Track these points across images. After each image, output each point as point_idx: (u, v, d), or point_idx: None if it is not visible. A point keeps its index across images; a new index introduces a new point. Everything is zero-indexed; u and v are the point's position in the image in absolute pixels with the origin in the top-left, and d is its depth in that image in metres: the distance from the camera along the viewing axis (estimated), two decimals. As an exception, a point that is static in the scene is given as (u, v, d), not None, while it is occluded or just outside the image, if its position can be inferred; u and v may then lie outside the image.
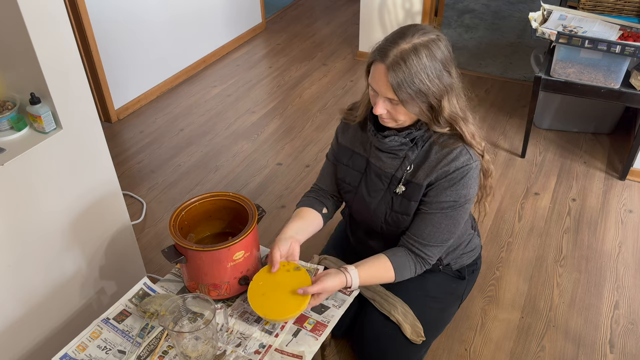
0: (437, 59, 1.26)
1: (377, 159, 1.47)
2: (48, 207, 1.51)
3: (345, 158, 1.56)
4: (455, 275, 1.69)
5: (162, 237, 2.37)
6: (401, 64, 1.24)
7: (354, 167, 1.54)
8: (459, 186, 1.37)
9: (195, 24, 3.61)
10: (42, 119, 1.42)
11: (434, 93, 1.27)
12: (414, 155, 1.41)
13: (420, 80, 1.24)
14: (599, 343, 1.87)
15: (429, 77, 1.25)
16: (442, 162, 1.37)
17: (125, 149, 2.97)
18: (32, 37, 1.32)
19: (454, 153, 1.36)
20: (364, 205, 1.53)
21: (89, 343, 1.33)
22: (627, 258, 2.20)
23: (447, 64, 1.29)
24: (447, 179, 1.37)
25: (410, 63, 1.23)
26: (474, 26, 4.28)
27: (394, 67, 1.24)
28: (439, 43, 1.28)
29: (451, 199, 1.38)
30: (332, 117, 3.19)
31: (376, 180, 1.49)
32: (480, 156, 1.39)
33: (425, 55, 1.24)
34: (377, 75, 1.29)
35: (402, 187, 1.43)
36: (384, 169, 1.46)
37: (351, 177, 1.55)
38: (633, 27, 2.39)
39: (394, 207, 1.47)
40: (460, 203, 1.39)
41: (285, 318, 1.32)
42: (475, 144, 1.37)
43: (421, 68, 1.24)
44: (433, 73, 1.25)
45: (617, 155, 2.78)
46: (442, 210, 1.40)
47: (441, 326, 1.69)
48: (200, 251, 1.33)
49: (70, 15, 2.79)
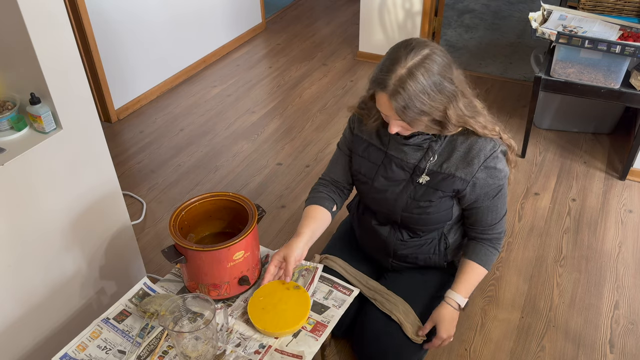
0: (434, 74, 1.28)
1: (398, 151, 1.50)
2: (48, 207, 1.51)
3: (360, 149, 1.58)
4: (455, 275, 1.70)
5: (162, 237, 2.37)
6: (400, 91, 1.26)
7: (370, 158, 1.56)
8: (496, 171, 1.43)
9: (195, 24, 3.61)
10: (42, 119, 1.42)
11: (437, 108, 1.31)
12: (437, 145, 1.45)
13: (422, 102, 1.27)
14: (599, 343, 1.87)
15: (429, 96, 1.28)
16: (470, 153, 1.42)
17: (125, 149, 2.97)
18: (32, 37, 1.32)
19: (479, 143, 1.42)
20: (382, 196, 1.55)
21: (89, 343, 1.33)
22: (627, 258, 2.20)
23: (446, 73, 1.30)
24: (484, 171, 1.42)
25: (408, 88, 1.26)
26: (474, 26, 4.28)
27: (394, 96, 1.27)
28: (434, 57, 1.29)
29: (495, 184, 1.45)
30: (332, 117, 3.19)
31: (397, 171, 1.51)
32: (499, 138, 1.45)
33: (422, 75, 1.26)
34: (382, 104, 1.33)
35: (426, 177, 1.47)
36: (406, 160, 1.49)
37: (366, 168, 1.57)
38: (633, 27, 2.39)
39: (415, 196, 1.50)
40: (502, 184, 1.47)
41: (283, 333, 1.33)
42: (489, 133, 1.42)
43: (420, 90, 1.26)
44: (433, 89, 1.28)
45: (617, 155, 2.78)
46: (494, 197, 1.48)
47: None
48: (200, 251, 1.33)
49: (70, 15, 2.79)
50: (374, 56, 3.80)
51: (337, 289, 1.49)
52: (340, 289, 1.49)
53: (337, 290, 1.48)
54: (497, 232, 1.56)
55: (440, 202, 1.49)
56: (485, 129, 1.41)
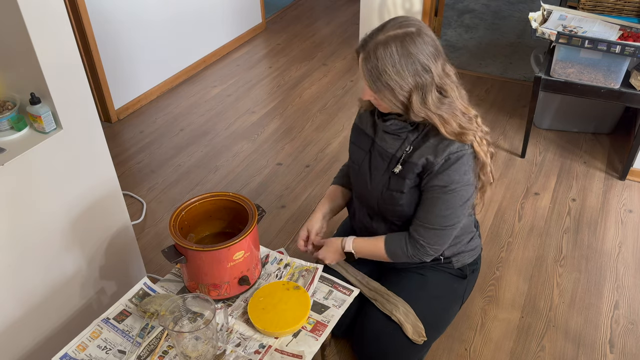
0: (409, 54, 1.27)
1: (381, 139, 1.52)
2: (48, 207, 1.51)
3: (354, 137, 1.63)
4: (457, 273, 1.69)
5: (162, 237, 2.37)
6: (371, 55, 1.28)
7: (360, 145, 1.59)
8: (451, 171, 1.40)
9: (195, 24, 3.61)
10: (42, 119, 1.42)
11: (402, 87, 1.30)
12: (414, 137, 1.45)
13: (387, 73, 1.28)
14: (599, 343, 1.87)
15: (396, 71, 1.27)
16: (439, 146, 1.40)
17: (125, 149, 2.97)
18: (32, 37, 1.32)
19: (446, 140, 1.39)
20: (364, 183, 1.58)
21: (89, 343, 1.33)
22: (627, 258, 2.20)
23: (424, 60, 1.28)
24: (441, 164, 1.40)
25: (378, 55, 1.27)
26: (474, 26, 4.28)
27: (365, 58, 1.30)
28: (417, 38, 1.28)
29: (442, 183, 1.41)
30: (332, 117, 3.19)
31: (379, 160, 1.53)
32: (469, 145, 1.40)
33: (394, 48, 1.26)
34: (359, 65, 1.35)
35: (400, 166, 1.48)
36: (386, 149, 1.51)
37: (357, 155, 1.61)
38: (633, 27, 2.39)
39: (390, 185, 1.51)
40: (451, 188, 1.41)
41: (283, 332, 1.33)
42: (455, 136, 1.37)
43: (388, 62, 1.27)
44: (402, 67, 1.27)
45: (617, 155, 2.78)
46: (434, 193, 1.43)
47: (442, 326, 1.69)
48: (200, 251, 1.33)
49: (70, 15, 2.78)
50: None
51: (337, 289, 1.49)
52: (340, 289, 1.49)
53: (337, 290, 1.48)
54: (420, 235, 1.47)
55: (410, 194, 1.49)
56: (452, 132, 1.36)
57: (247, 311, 1.37)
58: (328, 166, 2.77)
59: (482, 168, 1.44)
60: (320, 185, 2.63)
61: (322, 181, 2.66)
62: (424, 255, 1.51)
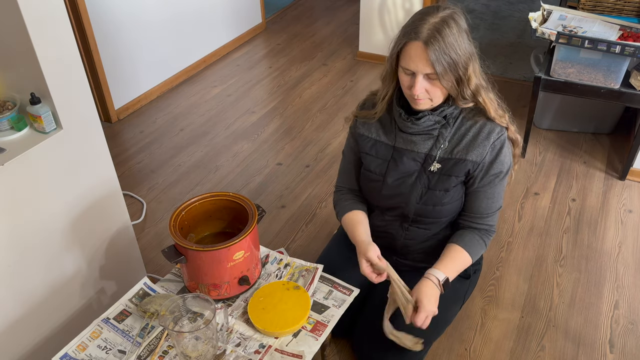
0: (462, 29, 1.35)
1: (407, 142, 1.51)
2: (48, 207, 1.51)
3: (367, 147, 1.58)
4: (460, 274, 1.69)
5: (162, 237, 2.37)
6: (437, 36, 1.30)
7: (378, 155, 1.56)
8: (502, 155, 1.46)
9: (195, 24, 3.61)
10: (42, 119, 1.42)
11: (463, 62, 1.35)
12: (447, 132, 1.47)
13: (454, 50, 1.32)
14: (599, 343, 1.87)
15: (460, 46, 1.33)
16: (480, 135, 1.45)
17: (125, 149, 2.97)
18: (32, 37, 1.32)
19: (487, 126, 1.45)
20: (396, 191, 1.55)
21: (89, 343, 1.33)
22: (627, 258, 2.20)
23: (469, 33, 1.38)
24: (490, 153, 1.45)
25: (444, 34, 1.31)
26: (474, 26, 4.28)
27: (431, 41, 1.31)
28: (460, 14, 1.37)
29: (497, 170, 1.47)
30: (332, 117, 3.19)
31: (408, 162, 1.52)
32: (505, 128, 1.47)
33: (454, 25, 1.33)
34: (413, 54, 1.33)
35: (437, 164, 1.49)
36: (417, 150, 1.50)
37: (376, 165, 1.57)
38: (633, 27, 2.39)
39: (430, 184, 1.51)
40: (504, 172, 1.49)
41: (283, 332, 1.33)
42: (499, 118, 1.45)
43: (454, 38, 1.32)
44: (461, 41, 1.34)
45: (617, 155, 2.78)
46: (492, 183, 1.49)
47: (443, 327, 1.69)
48: (200, 251, 1.33)
49: (70, 15, 2.78)
50: (374, 56, 3.80)
51: (337, 289, 1.49)
52: (340, 289, 1.49)
53: (337, 290, 1.48)
54: (488, 224, 1.56)
55: (454, 191, 1.51)
56: (496, 111, 1.45)
57: (247, 311, 1.37)
58: (328, 166, 2.77)
59: (516, 147, 1.52)
60: (320, 185, 2.63)
61: (322, 181, 2.66)
62: (492, 235, 1.59)
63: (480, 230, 1.56)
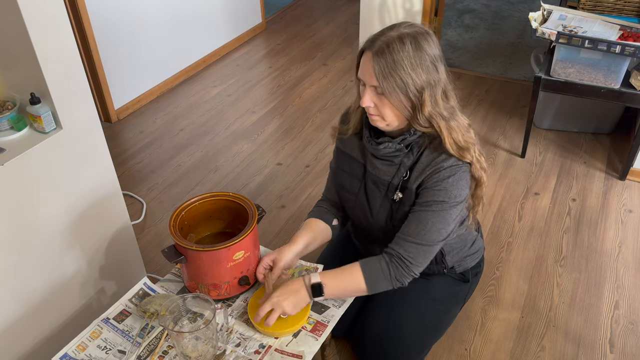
0: (422, 49, 1.26)
1: (373, 166, 1.45)
2: (48, 207, 1.51)
3: (345, 165, 1.54)
4: (459, 278, 1.69)
5: (162, 237, 2.37)
6: (385, 50, 1.25)
7: (353, 173, 1.52)
8: (447, 184, 1.34)
9: (195, 24, 3.61)
10: (42, 119, 1.42)
11: (415, 84, 1.26)
12: (409, 161, 1.40)
13: (402, 68, 1.25)
14: (599, 343, 1.87)
15: (411, 66, 1.25)
16: (431, 164, 1.35)
17: (125, 149, 2.97)
18: (32, 37, 1.32)
19: (443, 155, 1.34)
20: (365, 213, 1.52)
21: (89, 343, 1.33)
22: (627, 258, 2.20)
23: (434, 59, 1.29)
24: (435, 179, 1.35)
25: (393, 49, 1.25)
26: (474, 26, 4.28)
27: (378, 53, 1.26)
28: (427, 37, 1.29)
29: (440, 198, 1.35)
30: (332, 117, 3.19)
31: (373, 188, 1.47)
32: (467, 163, 1.35)
33: (410, 44, 1.25)
34: (363, 63, 1.31)
35: (400, 193, 1.42)
36: (380, 177, 1.45)
37: (350, 184, 1.53)
38: (633, 27, 2.39)
39: (393, 214, 1.45)
40: (448, 203, 1.35)
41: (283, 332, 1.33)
42: (457, 151, 1.33)
43: (405, 56, 1.25)
44: (416, 62, 1.26)
45: (617, 155, 2.78)
46: (430, 208, 1.36)
47: (443, 329, 1.69)
48: (200, 251, 1.33)
49: (70, 16, 2.78)
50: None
51: (337, 289, 1.49)
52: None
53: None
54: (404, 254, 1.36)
55: None
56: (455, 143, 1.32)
57: (247, 311, 1.37)
58: (328, 166, 2.76)
59: (478, 186, 1.40)
60: (320, 185, 2.63)
61: (322, 181, 2.66)
62: (406, 276, 1.38)
63: (392, 255, 1.37)
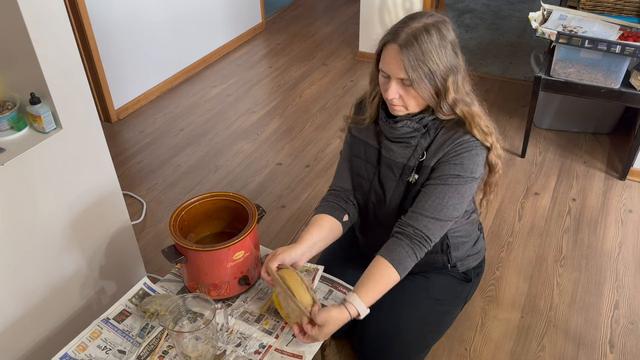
0: (446, 39, 1.29)
1: (387, 150, 1.46)
2: (48, 207, 1.51)
3: (359, 151, 1.54)
4: (461, 277, 1.69)
5: (162, 237, 2.37)
6: (413, 41, 1.26)
7: (368, 159, 1.53)
8: (464, 159, 1.36)
9: (195, 24, 3.61)
10: (42, 119, 1.42)
11: (441, 72, 1.29)
12: (426, 142, 1.41)
13: (431, 58, 1.27)
14: (599, 343, 1.87)
15: (439, 56, 1.28)
16: (448, 141, 1.38)
17: (125, 149, 2.97)
18: (32, 37, 1.32)
19: (459, 132, 1.37)
20: (379, 199, 1.52)
21: (89, 343, 1.33)
22: (627, 258, 2.20)
23: (455, 45, 1.32)
24: (452, 153, 1.37)
25: (422, 40, 1.26)
26: (474, 26, 4.28)
27: (406, 46, 1.27)
28: (447, 25, 1.31)
29: (456, 172, 1.36)
30: (332, 117, 3.19)
31: (387, 172, 1.48)
32: (486, 148, 1.39)
33: (435, 34, 1.28)
34: (389, 56, 1.31)
35: (415, 175, 1.43)
36: (395, 159, 1.45)
37: (366, 170, 1.54)
38: (633, 27, 2.39)
39: (409, 196, 1.45)
40: (465, 178, 1.36)
41: None
42: (479, 133, 1.36)
43: (432, 47, 1.27)
44: (442, 52, 1.28)
45: (617, 155, 2.78)
46: (446, 183, 1.37)
47: (443, 329, 1.69)
48: (200, 251, 1.33)
49: (70, 15, 2.78)
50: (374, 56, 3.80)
51: (337, 289, 1.49)
52: (340, 289, 1.49)
53: (337, 290, 1.48)
54: (423, 231, 1.36)
55: None
56: (478, 125, 1.35)
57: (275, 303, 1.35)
58: (328, 166, 2.76)
59: (492, 173, 1.42)
60: (320, 185, 2.63)
61: (322, 181, 2.66)
62: (426, 250, 1.39)
63: (412, 239, 1.37)
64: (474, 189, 1.43)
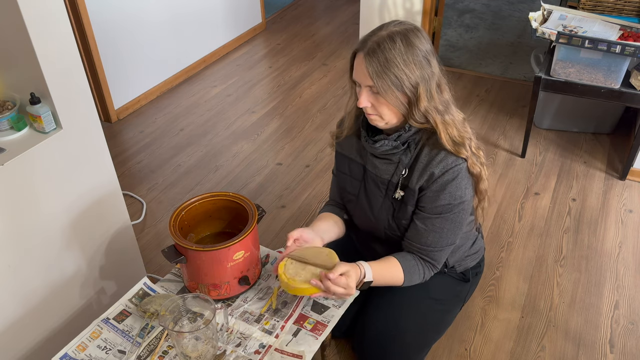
0: (413, 46, 1.28)
1: (372, 165, 1.47)
2: (48, 207, 1.51)
3: (344, 167, 1.56)
4: (460, 277, 1.69)
5: (162, 237, 2.37)
6: (376, 49, 1.27)
7: (352, 175, 1.54)
8: (452, 187, 1.36)
9: (195, 24, 3.61)
10: (42, 119, 1.42)
11: (409, 79, 1.28)
12: (407, 159, 1.40)
13: (396, 65, 1.26)
14: (599, 343, 1.87)
15: (404, 62, 1.26)
16: (430, 163, 1.36)
17: (125, 149, 2.97)
18: (32, 37, 1.32)
19: (441, 154, 1.35)
20: (366, 213, 1.53)
21: (89, 343, 1.33)
22: (627, 258, 2.20)
23: (427, 54, 1.30)
24: (438, 182, 1.36)
25: (385, 48, 1.26)
26: (474, 26, 4.28)
27: (370, 53, 1.28)
28: (417, 33, 1.30)
29: (446, 202, 1.37)
30: (332, 117, 3.19)
31: (373, 188, 1.48)
32: (463, 159, 1.36)
33: (400, 41, 1.27)
34: (357, 65, 1.32)
35: (400, 192, 1.43)
36: (379, 175, 1.46)
37: (351, 185, 1.55)
38: (633, 27, 2.39)
39: (395, 213, 1.46)
40: (455, 205, 1.38)
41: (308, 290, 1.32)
42: (454, 146, 1.33)
43: (396, 53, 1.26)
44: (409, 58, 1.27)
45: (617, 155, 2.78)
46: (440, 215, 1.39)
47: (443, 328, 1.69)
48: (200, 251, 1.33)
49: (70, 15, 2.78)
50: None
51: (337, 289, 1.49)
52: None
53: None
54: (434, 259, 1.46)
55: None
56: (451, 138, 1.33)
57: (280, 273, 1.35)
58: (328, 166, 2.76)
59: (479, 181, 1.40)
60: (320, 185, 2.63)
61: (322, 181, 2.66)
62: (431, 275, 1.50)
63: (424, 262, 1.47)
64: (469, 210, 1.44)
